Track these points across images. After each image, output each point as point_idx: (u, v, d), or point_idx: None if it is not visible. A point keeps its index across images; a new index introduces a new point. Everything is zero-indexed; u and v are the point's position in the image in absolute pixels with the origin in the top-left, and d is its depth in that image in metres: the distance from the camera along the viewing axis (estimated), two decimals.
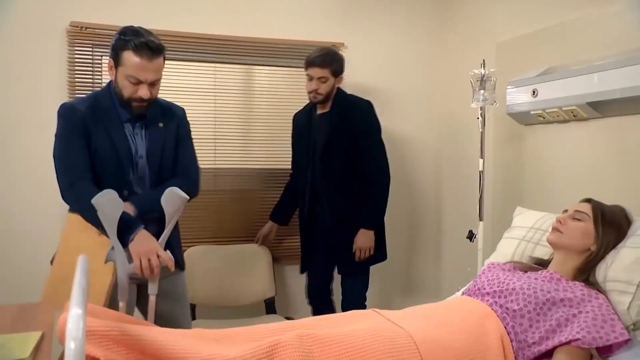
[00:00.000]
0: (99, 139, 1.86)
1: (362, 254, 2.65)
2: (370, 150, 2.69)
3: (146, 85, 1.83)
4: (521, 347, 1.52)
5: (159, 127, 1.98)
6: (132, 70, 1.80)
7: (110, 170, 1.87)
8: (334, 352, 1.35)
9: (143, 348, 1.22)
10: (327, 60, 2.57)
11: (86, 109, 1.87)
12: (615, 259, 1.61)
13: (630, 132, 2.14)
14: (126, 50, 1.79)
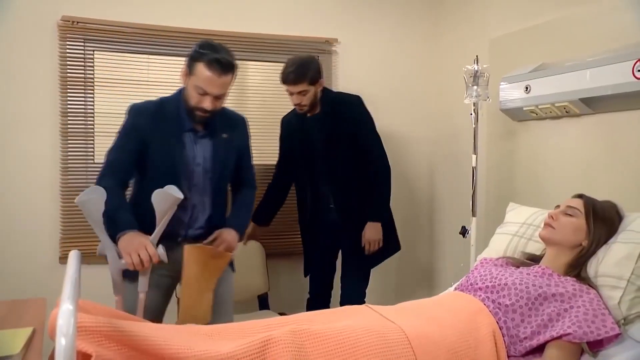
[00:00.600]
0: (157, 144, 1.95)
1: (371, 246, 2.63)
2: (369, 144, 2.69)
3: (211, 98, 1.92)
4: (513, 342, 1.53)
5: (222, 138, 2.06)
6: (201, 81, 1.90)
7: (163, 175, 1.93)
8: (327, 347, 1.36)
9: (135, 344, 1.21)
10: (300, 75, 2.51)
11: (151, 114, 1.97)
12: (607, 254, 1.62)
13: (622, 128, 2.15)
14: (200, 62, 1.90)
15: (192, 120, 1.99)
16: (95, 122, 2.88)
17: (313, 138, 2.68)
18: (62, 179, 2.81)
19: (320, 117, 2.66)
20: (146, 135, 1.95)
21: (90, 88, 2.86)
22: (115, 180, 1.92)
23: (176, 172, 1.96)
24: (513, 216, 2.19)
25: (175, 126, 1.98)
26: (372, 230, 2.64)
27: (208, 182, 2.05)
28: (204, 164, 2.03)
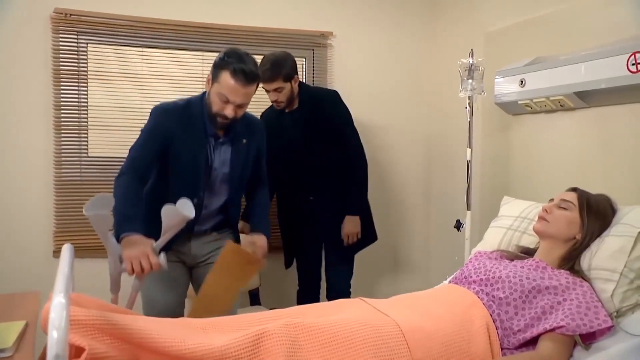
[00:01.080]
0: (180, 146, 1.99)
1: (350, 239, 2.71)
2: (346, 138, 2.73)
3: (233, 106, 1.95)
4: (506, 335, 1.53)
5: (242, 144, 2.10)
6: (225, 89, 1.92)
7: (184, 177, 2.00)
8: (321, 340, 1.36)
9: (128, 337, 1.21)
10: (274, 73, 2.53)
11: (177, 115, 2.01)
12: (600, 247, 1.62)
13: (616, 122, 2.15)
14: (225, 71, 1.92)
15: (214, 125, 2.02)
16: (89, 115, 2.86)
17: (291, 133, 2.71)
18: (55, 172, 2.79)
19: (298, 112, 2.69)
20: (170, 135, 1.98)
21: (84, 81, 2.84)
22: (135, 177, 1.94)
23: (195, 174, 2.02)
24: (507, 209, 2.20)
25: (199, 130, 2.02)
26: (351, 223, 2.70)
27: (225, 186, 2.10)
28: (221, 168, 2.07)
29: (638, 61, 1.91)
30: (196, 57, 3.07)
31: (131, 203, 1.88)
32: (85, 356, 1.12)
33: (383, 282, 3.47)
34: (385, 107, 3.39)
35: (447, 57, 3.23)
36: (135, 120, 2.95)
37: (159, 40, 2.96)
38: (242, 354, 1.28)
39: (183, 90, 3.04)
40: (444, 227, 3.30)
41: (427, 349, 1.41)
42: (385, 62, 3.40)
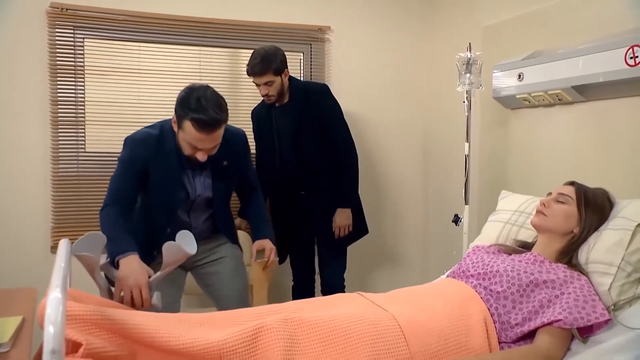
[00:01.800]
0: (157, 178, 1.98)
1: (341, 231, 2.73)
2: (338, 131, 2.75)
3: (203, 152, 1.89)
4: (504, 328, 1.54)
5: (223, 167, 2.07)
6: (191, 139, 1.86)
7: (162, 207, 2.01)
8: (319, 335, 1.36)
9: (126, 332, 1.21)
10: (264, 66, 2.54)
11: (150, 147, 1.96)
12: (598, 241, 1.62)
13: (614, 115, 2.15)
14: (187, 120, 1.84)
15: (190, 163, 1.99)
16: (85, 110, 2.86)
17: (282, 127, 2.72)
18: (52, 167, 2.79)
19: (289, 106, 2.70)
20: (146, 165, 1.96)
21: (81, 76, 2.83)
22: (118, 208, 1.93)
23: (174, 206, 2.02)
24: (505, 204, 2.19)
25: (174, 162, 1.98)
26: (342, 215, 2.73)
27: (209, 205, 2.11)
28: (204, 193, 2.07)
29: (636, 54, 1.90)
30: (193, 51, 3.06)
31: (122, 229, 1.87)
32: (83, 351, 1.12)
33: (381, 277, 3.47)
34: (383, 102, 3.39)
35: (445, 51, 3.22)
36: (132, 115, 2.95)
37: (155, 35, 2.95)
38: (240, 349, 1.28)
39: (179, 85, 3.02)
40: (442, 221, 3.30)
41: (425, 343, 1.42)
42: (383, 57, 3.39)
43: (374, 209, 3.34)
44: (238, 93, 3.17)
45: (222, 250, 2.19)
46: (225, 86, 3.14)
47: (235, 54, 3.18)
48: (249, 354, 1.28)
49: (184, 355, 1.24)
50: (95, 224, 2.87)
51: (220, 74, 3.12)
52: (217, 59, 3.11)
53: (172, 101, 2.99)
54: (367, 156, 3.33)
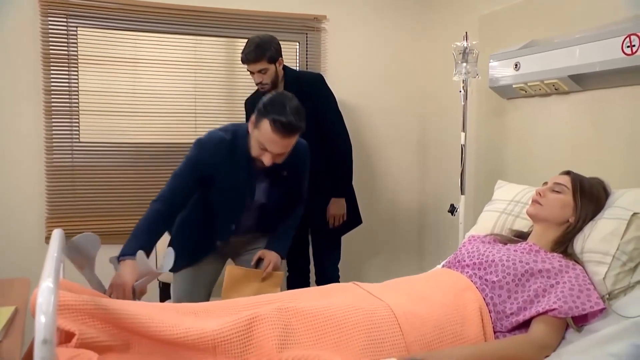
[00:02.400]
0: (225, 184, 2.01)
1: (335, 221, 2.74)
2: (332, 121, 2.74)
3: (270, 155, 1.91)
4: (499, 318, 1.54)
5: (282, 177, 2.10)
6: (263, 138, 1.88)
7: (225, 206, 2.05)
8: (314, 324, 1.35)
9: (119, 322, 1.20)
10: (259, 54, 2.53)
11: (223, 151, 1.98)
12: (593, 230, 1.62)
13: (610, 105, 2.14)
14: (265, 119, 1.86)
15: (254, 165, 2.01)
16: (80, 100, 2.84)
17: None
18: (46, 157, 2.77)
19: None
20: (214, 170, 1.99)
21: (74, 65, 2.81)
22: (167, 208, 1.95)
23: (237, 207, 2.06)
24: (501, 193, 2.19)
25: (245, 165, 2.00)
26: (336, 205, 2.73)
27: (260, 210, 2.14)
28: (259, 199, 2.10)
29: (633, 43, 1.89)
30: (189, 41, 3.04)
31: (148, 229, 1.89)
32: (76, 341, 1.11)
33: (377, 267, 3.47)
34: (379, 91, 3.37)
35: (442, 40, 3.21)
36: (127, 105, 2.93)
37: (150, 24, 2.92)
38: (235, 338, 1.27)
39: (174, 74, 3.01)
40: (438, 211, 3.30)
41: (420, 333, 1.41)
42: (379, 46, 3.37)
43: (370, 199, 3.34)
44: (234, 83, 3.15)
45: (261, 242, 2.21)
46: (221, 76, 3.12)
47: (231, 43, 3.15)
48: (244, 344, 1.28)
49: (178, 345, 1.24)
50: (90, 214, 2.88)
51: (216, 64, 3.10)
52: (212, 49, 3.09)
53: (167, 90, 3.01)
54: (363, 146, 3.32)
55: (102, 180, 2.90)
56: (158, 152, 3.01)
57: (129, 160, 2.95)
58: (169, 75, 2.99)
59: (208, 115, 3.08)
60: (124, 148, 2.95)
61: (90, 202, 2.89)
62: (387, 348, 1.37)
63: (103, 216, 2.91)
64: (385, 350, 1.36)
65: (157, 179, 2.98)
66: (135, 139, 2.97)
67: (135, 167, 2.96)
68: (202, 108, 3.07)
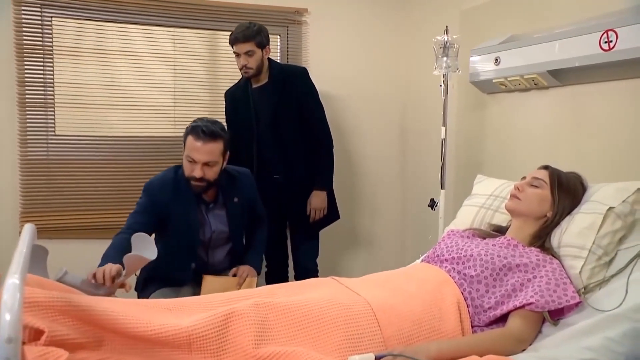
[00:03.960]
0: (176, 216, 2.10)
1: (316, 214, 2.73)
2: (315, 115, 2.75)
3: (200, 165, 2.03)
4: (477, 312, 1.54)
5: (234, 203, 2.20)
6: (189, 150, 2.04)
7: (183, 246, 2.13)
8: (290, 320, 1.34)
9: (92, 319, 1.17)
10: (249, 35, 2.54)
11: (168, 189, 2.11)
12: (570, 224, 1.63)
13: (588, 100, 2.16)
14: (188, 135, 2.05)
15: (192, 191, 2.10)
16: (55, 92, 2.78)
17: (259, 108, 2.69)
18: (20, 151, 2.71)
19: (268, 87, 2.67)
20: (165, 208, 2.09)
21: (49, 56, 2.75)
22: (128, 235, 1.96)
23: (193, 241, 2.13)
24: (480, 188, 2.19)
25: (189, 200, 2.11)
26: (317, 198, 2.73)
27: (227, 241, 2.23)
28: (219, 230, 2.19)
29: (610, 39, 1.90)
30: (167, 33, 2.99)
31: (117, 250, 1.90)
32: (45, 339, 1.08)
33: (356, 261, 3.47)
34: (360, 85, 3.36)
35: (423, 34, 3.20)
36: (104, 98, 2.88)
37: (128, 15, 2.87)
38: (210, 334, 1.26)
39: (152, 67, 2.96)
40: (418, 205, 3.30)
41: (398, 327, 1.41)
42: (361, 40, 3.36)
43: (350, 193, 3.34)
44: (215, 75, 3.12)
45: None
46: (201, 68, 3.08)
47: (211, 35, 3.11)
48: (220, 340, 1.26)
49: (152, 342, 1.21)
50: (65, 209, 2.83)
51: (195, 56, 3.06)
52: (192, 41, 3.05)
53: (145, 83, 2.96)
54: (343, 140, 3.31)
55: (78, 174, 2.85)
56: (136, 145, 2.96)
57: (105, 154, 2.90)
58: (148, 68, 2.94)
59: (188, 108, 3.04)
60: (101, 141, 2.90)
61: (65, 196, 2.83)
62: (365, 343, 1.36)
63: (79, 211, 2.86)
64: (363, 345, 1.35)
65: (134, 173, 2.93)
66: (113, 132, 2.92)
67: (112, 161, 2.91)
68: (181, 101, 3.03)
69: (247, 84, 2.72)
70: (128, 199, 2.89)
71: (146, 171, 2.86)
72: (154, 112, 2.99)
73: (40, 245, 1.60)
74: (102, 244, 2.81)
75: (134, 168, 2.94)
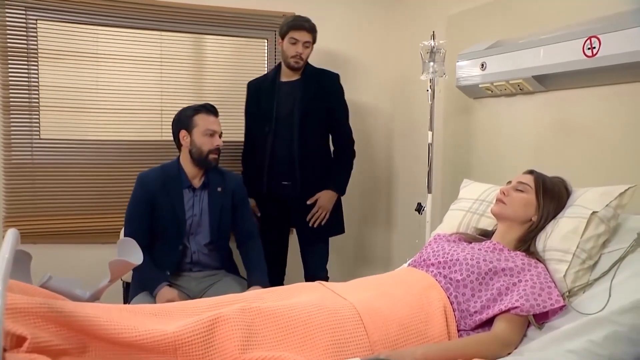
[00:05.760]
0: (162, 202, 2.28)
1: (320, 212, 2.69)
2: (342, 121, 2.77)
3: (217, 135, 2.32)
4: (463, 316, 1.55)
5: (217, 192, 2.36)
6: (206, 125, 2.31)
7: (169, 227, 2.28)
8: (277, 324, 1.34)
9: (76, 324, 1.16)
10: (312, 26, 2.62)
11: (156, 179, 2.30)
12: (554, 228, 1.64)
13: (572, 105, 2.19)
14: (195, 115, 2.32)
15: (208, 165, 2.32)
16: (40, 96, 2.75)
17: (283, 102, 2.67)
18: (4, 155, 2.68)
19: (297, 84, 2.67)
20: (153, 198, 2.28)
21: (34, 59, 2.72)
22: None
23: (178, 224, 2.28)
24: (467, 192, 2.21)
25: (176, 184, 2.31)
26: (327, 196, 2.71)
27: (207, 230, 2.32)
28: (201, 215, 2.32)
29: (594, 45, 1.93)
30: (153, 36, 2.97)
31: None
32: (28, 345, 1.06)
33: (343, 266, 3.47)
34: (348, 89, 3.35)
35: (410, 39, 3.22)
36: (89, 101, 2.85)
37: (113, 18, 2.85)
38: (196, 340, 1.25)
39: (140, 70, 2.94)
40: (405, 210, 3.31)
41: (384, 332, 1.41)
42: (347, 44, 3.37)
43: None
44: (201, 80, 3.11)
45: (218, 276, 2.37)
46: (188, 72, 3.07)
47: (197, 39, 3.10)
48: (206, 345, 1.25)
49: (137, 347, 1.20)
50: (50, 213, 2.80)
51: (182, 60, 3.05)
52: (178, 45, 3.03)
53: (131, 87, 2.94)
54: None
55: (63, 178, 2.82)
56: (122, 149, 2.94)
57: (91, 158, 2.87)
58: (134, 71, 2.92)
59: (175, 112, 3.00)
60: (87, 145, 2.87)
61: (50, 200, 2.80)
62: (352, 347, 1.36)
63: (63, 215, 2.82)
64: (350, 349, 1.35)
65: (120, 177, 2.90)
66: (99, 136, 2.90)
67: (98, 165, 2.88)
68: (168, 105, 3.01)
69: (275, 76, 2.71)
70: (114, 203, 2.87)
71: (132, 175, 2.82)
72: (141, 115, 2.97)
73: (23, 250, 1.58)
74: (87, 249, 2.83)
75: (120, 172, 2.91)
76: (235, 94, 3.01)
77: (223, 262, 2.40)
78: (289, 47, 2.62)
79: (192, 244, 2.32)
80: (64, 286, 1.64)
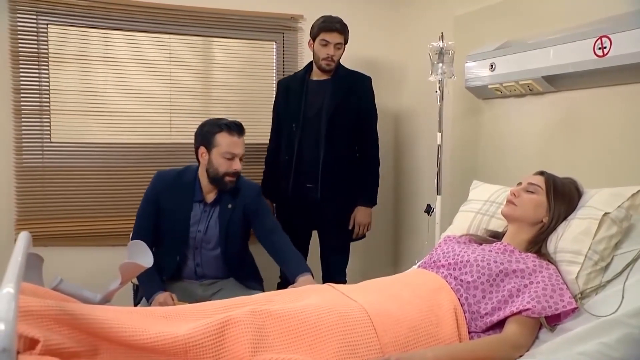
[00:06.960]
0: (169, 209, 2.22)
1: (361, 229, 2.72)
2: (370, 125, 2.75)
3: (237, 159, 2.17)
4: (474, 318, 1.54)
5: (227, 209, 2.25)
6: (227, 147, 2.15)
7: (169, 234, 2.23)
8: (287, 327, 1.34)
9: (87, 327, 1.17)
10: (344, 28, 2.60)
11: (169, 181, 2.24)
12: (566, 230, 1.63)
13: (583, 106, 2.17)
14: (217, 134, 2.16)
15: (223, 187, 2.21)
16: (50, 99, 2.77)
17: (311, 101, 2.65)
18: (16, 158, 2.70)
19: (327, 83, 2.65)
20: (159, 200, 2.22)
21: (45, 63, 2.75)
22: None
23: (181, 236, 2.20)
24: (476, 194, 2.20)
25: (186, 195, 2.22)
26: (363, 213, 2.72)
27: (215, 245, 2.24)
28: (207, 230, 2.23)
29: (604, 45, 1.91)
30: (163, 39, 2.99)
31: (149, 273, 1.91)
32: (40, 348, 1.07)
33: (352, 268, 3.45)
34: None
35: (418, 40, 3.21)
36: (100, 105, 2.87)
37: (123, 22, 2.87)
38: (207, 342, 1.25)
39: (149, 74, 2.96)
40: (414, 211, 3.31)
41: (395, 334, 1.41)
42: (356, 46, 3.34)
43: None
44: (210, 83, 3.12)
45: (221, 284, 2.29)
46: (197, 75, 3.08)
47: (206, 42, 3.12)
48: (216, 348, 1.26)
49: (149, 350, 1.21)
50: (61, 216, 2.82)
51: (191, 63, 3.06)
52: (187, 48, 3.05)
53: (141, 89, 2.96)
54: None
55: (74, 181, 2.84)
56: (132, 152, 2.95)
57: (101, 161, 2.89)
58: (144, 74, 2.94)
59: (184, 114, 3.04)
60: (97, 148, 2.89)
61: (61, 203, 2.82)
62: (362, 350, 1.36)
63: (74, 218, 2.84)
64: (360, 352, 1.35)
65: (130, 180, 2.92)
66: (109, 139, 2.91)
67: (109, 168, 2.90)
68: (177, 108, 3.03)
69: (305, 75, 2.69)
70: (124, 205, 2.89)
71: (142, 178, 2.85)
72: (150, 118, 2.99)
73: (35, 253, 1.59)
74: (97, 252, 2.84)
75: (129, 175, 2.93)
76: (243, 95, 3.02)
77: (233, 271, 2.32)
78: (320, 49, 2.60)
79: (198, 257, 2.26)
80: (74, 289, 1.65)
